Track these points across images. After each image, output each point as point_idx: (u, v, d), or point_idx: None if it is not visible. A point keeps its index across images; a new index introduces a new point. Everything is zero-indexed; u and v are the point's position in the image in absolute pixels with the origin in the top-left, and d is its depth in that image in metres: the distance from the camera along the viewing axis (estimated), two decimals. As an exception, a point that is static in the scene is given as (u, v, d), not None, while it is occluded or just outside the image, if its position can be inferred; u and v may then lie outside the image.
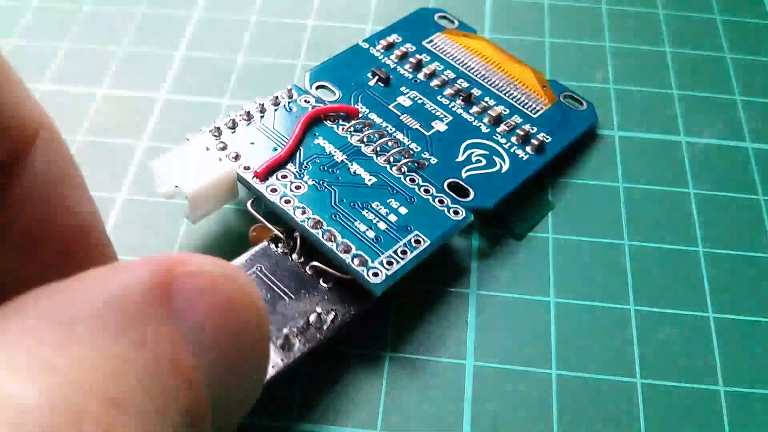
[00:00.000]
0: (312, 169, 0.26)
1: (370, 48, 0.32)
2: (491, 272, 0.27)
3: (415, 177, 0.26)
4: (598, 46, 0.35)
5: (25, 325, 0.10)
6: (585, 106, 0.31)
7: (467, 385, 0.24)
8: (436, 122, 0.29)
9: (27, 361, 0.09)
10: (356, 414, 0.23)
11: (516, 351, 0.25)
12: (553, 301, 0.26)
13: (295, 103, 0.28)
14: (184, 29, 0.35)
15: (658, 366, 0.25)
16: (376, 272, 0.23)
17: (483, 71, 0.31)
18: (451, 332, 0.25)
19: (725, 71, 0.34)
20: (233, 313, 0.12)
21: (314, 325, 0.22)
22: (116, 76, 0.33)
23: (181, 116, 0.31)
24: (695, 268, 0.27)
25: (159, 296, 0.11)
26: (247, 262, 0.24)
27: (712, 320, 0.26)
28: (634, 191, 0.29)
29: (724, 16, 0.37)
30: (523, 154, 0.28)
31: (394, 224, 0.24)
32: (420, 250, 0.24)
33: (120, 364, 0.09)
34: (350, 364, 0.24)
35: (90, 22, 0.35)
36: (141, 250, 0.27)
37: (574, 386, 0.24)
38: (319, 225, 0.24)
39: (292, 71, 0.33)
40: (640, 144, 0.31)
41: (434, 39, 0.33)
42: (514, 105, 0.30)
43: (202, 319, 0.11)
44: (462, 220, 0.25)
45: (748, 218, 0.29)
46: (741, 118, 0.32)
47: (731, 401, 0.24)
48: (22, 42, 0.34)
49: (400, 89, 0.30)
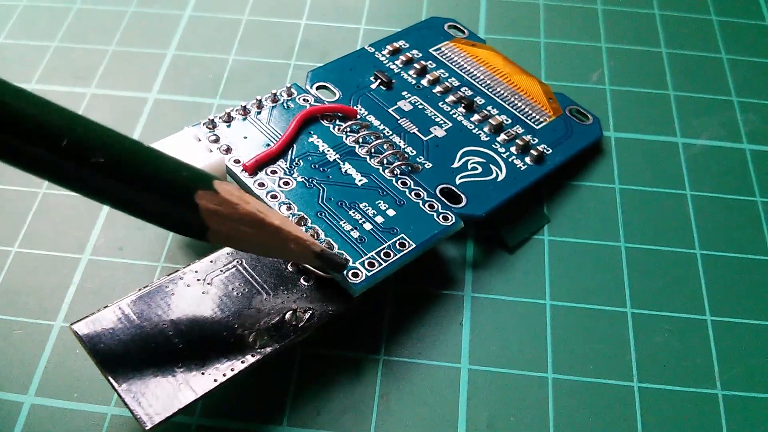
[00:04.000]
0: (303, 166, 0.26)
1: (376, 52, 0.32)
2: (486, 275, 0.26)
3: (407, 180, 0.26)
4: (593, 47, 0.35)
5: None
6: (591, 121, 0.30)
7: (462, 389, 0.24)
8: (435, 128, 0.29)
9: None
10: (349, 419, 0.23)
11: (511, 354, 0.24)
12: (549, 303, 0.26)
13: (294, 101, 0.28)
14: (174, 29, 0.35)
15: (655, 369, 0.24)
16: (356, 273, 0.23)
17: (488, 80, 0.31)
18: (445, 335, 0.25)
19: (722, 72, 0.34)
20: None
21: (289, 323, 0.22)
22: (105, 76, 0.32)
23: (171, 116, 0.31)
24: (692, 270, 0.27)
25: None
26: (228, 255, 0.23)
27: (710, 323, 0.25)
28: (630, 193, 0.29)
29: (721, 16, 0.36)
30: (521, 164, 0.28)
31: (380, 226, 0.24)
32: (403, 254, 0.23)
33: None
34: (343, 368, 0.24)
35: (79, 21, 0.35)
36: (131, 249, 0.26)
37: (570, 390, 0.24)
38: (303, 222, 0.24)
39: (285, 71, 0.33)
40: (636, 145, 0.31)
41: (442, 47, 0.32)
42: (516, 115, 0.30)
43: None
44: (451, 226, 0.25)
45: (745, 220, 0.28)
46: (738, 119, 0.32)
47: (729, 405, 0.23)
48: (10, 41, 0.34)
49: (401, 93, 0.30)
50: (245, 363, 0.21)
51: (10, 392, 0.23)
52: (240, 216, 0.20)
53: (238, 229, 0.20)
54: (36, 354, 0.24)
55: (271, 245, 0.21)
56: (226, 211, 0.19)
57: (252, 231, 0.20)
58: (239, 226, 0.20)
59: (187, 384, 0.20)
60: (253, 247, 0.21)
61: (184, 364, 0.21)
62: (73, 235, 0.27)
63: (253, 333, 0.21)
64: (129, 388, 0.20)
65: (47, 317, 0.25)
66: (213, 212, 0.19)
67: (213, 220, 0.19)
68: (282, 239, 0.21)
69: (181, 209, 0.19)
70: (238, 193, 0.20)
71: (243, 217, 0.20)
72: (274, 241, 0.21)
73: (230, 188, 0.20)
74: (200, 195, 0.19)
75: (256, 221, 0.20)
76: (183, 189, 0.19)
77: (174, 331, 0.21)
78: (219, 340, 0.21)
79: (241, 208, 0.20)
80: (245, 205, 0.20)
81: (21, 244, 0.27)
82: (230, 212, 0.20)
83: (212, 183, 0.20)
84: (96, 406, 0.23)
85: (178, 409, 0.20)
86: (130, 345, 0.21)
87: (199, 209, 0.19)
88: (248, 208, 0.20)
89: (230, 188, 0.20)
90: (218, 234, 0.20)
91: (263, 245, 0.21)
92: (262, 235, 0.20)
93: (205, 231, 0.20)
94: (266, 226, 0.20)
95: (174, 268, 0.25)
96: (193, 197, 0.19)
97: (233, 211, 0.20)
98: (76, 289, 0.25)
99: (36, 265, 0.26)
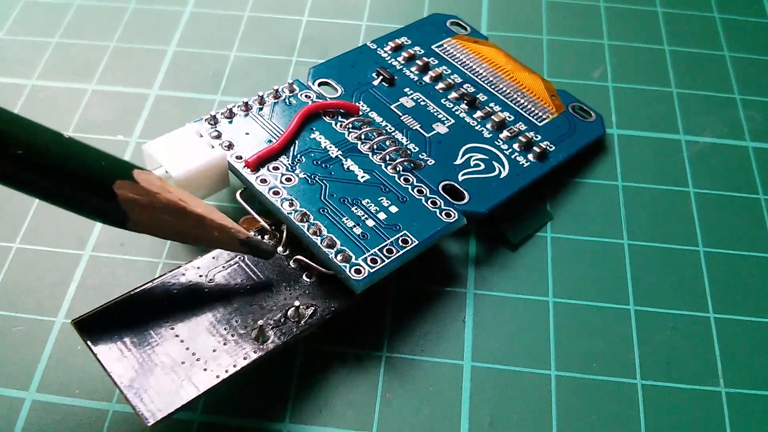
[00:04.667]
0: (305, 163, 0.26)
1: (378, 49, 0.31)
2: (489, 271, 0.26)
3: (409, 177, 0.26)
4: (596, 44, 0.34)
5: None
6: (593, 118, 0.30)
7: (465, 386, 0.23)
8: (438, 124, 0.28)
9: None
10: (351, 415, 0.23)
11: (514, 352, 0.24)
12: (552, 301, 0.26)
13: (296, 97, 0.28)
14: (175, 25, 0.35)
15: (658, 367, 0.24)
16: (359, 269, 0.23)
17: (491, 77, 0.31)
18: (448, 332, 0.25)
19: (725, 70, 0.34)
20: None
21: (292, 319, 0.22)
22: (106, 72, 0.32)
23: (172, 112, 0.31)
24: (695, 267, 0.27)
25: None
26: (230, 252, 0.23)
27: (713, 320, 0.25)
28: (633, 190, 0.29)
29: (723, 14, 0.36)
30: (524, 161, 0.28)
31: (382, 222, 0.24)
32: (406, 250, 0.23)
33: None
34: (345, 365, 0.24)
35: (80, 17, 0.35)
36: (132, 245, 0.26)
37: (573, 387, 0.24)
38: (305, 218, 0.24)
39: (287, 67, 0.33)
40: (639, 143, 0.31)
41: (444, 44, 0.32)
42: (519, 112, 0.29)
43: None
44: (453, 222, 0.25)
45: (748, 217, 0.28)
46: (741, 116, 0.32)
47: (733, 403, 0.23)
48: (10, 37, 0.34)
49: (404, 90, 0.30)
50: (247, 359, 0.21)
51: (11, 389, 0.23)
52: (162, 205, 0.20)
53: (159, 218, 0.20)
54: (37, 350, 0.24)
55: (194, 234, 0.21)
56: (146, 200, 0.20)
57: (174, 220, 0.20)
58: (161, 215, 0.20)
59: (190, 380, 0.20)
60: (176, 236, 0.21)
61: (186, 360, 0.20)
62: (74, 232, 0.27)
63: (255, 329, 0.21)
64: (131, 385, 0.20)
65: (48, 314, 0.25)
66: (132, 201, 0.20)
67: (133, 209, 0.20)
68: (206, 227, 0.21)
69: (99, 199, 0.19)
70: (160, 183, 0.20)
71: (164, 206, 0.20)
72: (198, 230, 0.21)
73: (151, 178, 0.20)
74: (118, 185, 0.19)
75: (178, 210, 0.20)
76: (101, 179, 0.19)
77: (176, 327, 0.21)
78: (221, 336, 0.21)
79: (162, 197, 0.20)
80: (166, 194, 0.20)
81: (22, 240, 0.26)
82: (150, 201, 0.20)
83: (132, 172, 0.20)
84: (98, 402, 0.23)
85: (181, 406, 0.19)
86: (131, 341, 0.21)
87: (118, 198, 0.19)
88: (169, 197, 0.20)
89: (151, 178, 0.20)
90: (138, 223, 0.20)
91: (186, 234, 0.21)
92: (184, 223, 0.21)
93: (125, 220, 0.20)
94: (188, 215, 0.21)
95: (176, 264, 0.25)
96: (110, 187, 0.19)
97: (153, 199, 0.20)
98: (78, 285, 0.25)
99: (37, 261, 0.26)
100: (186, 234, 0.21)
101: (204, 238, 0.21)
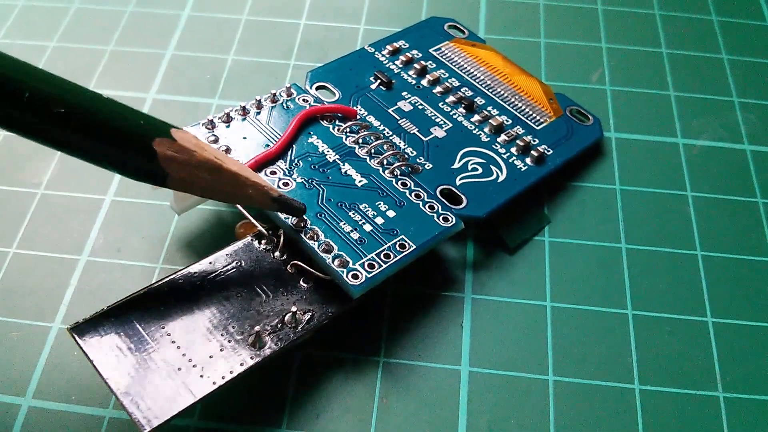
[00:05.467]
0: (302, 167, 0.26)
1: (376, 52, 0.31)
2: (486, 276, 0.26)
3: (407, 181, 0.26)
4: (594, 47, 0.34)
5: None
6: (591, 121, 0.30)
7: (462, 391, 0.23)
8: (435, 128, 0.28)
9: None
10: (348, 421, 0.23)
11: (512, 356, 0.24)
12: (550, 305, 0.26)
13: (293, 101, 0.28)
14: (173, 28, 0.34)
15: (656, 371, 0.24)
16: (356, 274, 0.22)
17: (488, 81, 0.31)
18: (445, 337, 0.25)
19: (722, 73, 0.34)
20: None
21: (288, 325, 0.22)
22: (104, 76, 0.32)
23: (169, 117, 0.30)
24: (693, 271, 0.27)
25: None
26: (227, 256, 0.23)
27: (711, 324, 0.25)
28: (631, 194, 0.29)
29: (721, 17, 0.36)
30: (521, 165, 0.28)
31: (380, 227, 0.24)
32: (404, 255, 0.23)
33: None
34: (342, 370, 0.24)
35: (77, 21, 0.35)
36: (129, 250, 0.26)
37: (571, 392, 0.23)
38: (302, 223, 0.24)
39: (284, 71, 0.33)
40: (636, 146, 0.31)
41: (442, 47, 0.32)
42: (517, 116, 0.29)
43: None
44: (451, 227, 0.25)
45: (746, 221, 0.28)
46: (738, 119, 0.32)
47: (731, 407, 0.23)
48: (7, 40, 0.34)
49: (401, 94, 0.30)
50: (244, 365, 0.21)
51: (7, 395, 0.23)
52: (198, 162, 0.21)
53: (196, 175, 0.21)
54: (34, 356, 0.24)
55: (229, 191, 0.22)
56: (183, 158, 0.21)
57: (210, 177, 0.21)
58: (197, 172, 0.21)
59: (186, 387, 0.20)
60: (212, 193, 0.22)
61: (183, 366, 0.20)
62: (71, 236, 0.27)
63: (252, 335, 0.21)
64: (127, 391, 0.20)
65: (45, 319, 0.24)
66: (171, 159, 0.20)
67: (171, 166, 0.20)
68: (240, 184, 0.22)
69: (140, 157, 0.20)
70: (196, 141, 0.21)
71: (201, 164, 0.21)
72: (232, 186, 0.22)
73: (187, 136, 0.21)
74: (157, 142, 0.20)
75: (213, 167, 0.21)
76: (141, 137, 0.20)
77: (172, 333, 0.21)
78: (218, 342, 0.21)
79: (199, 155, 0.21)
80: (202, 152, 0.21)
81: (19, 245, 0.26)
82: (188, 158, 0.21)
83: (170, 131, 0.21)
84: (94, 408, 0.23)
85: (177, 413, 0.19)
86: (128, 347, 0.21)
87: (157, 156, 0.20)
88: (205, 155, 0.21)
89: (187, 136, 0.21)
90: (177, 180, 0.21)
91: (222, 191, 0.22)
92: (220, 180, 0.21)
93: (165, 177, 0.21)
94: (224, 172, 0.21)
95: (172, 269, 0.25)
96: (150, 144, 0.20)
97: (191, 157, 0.21)
98: (74, 290, 0.25)
99: (34, 266, 0.26)
100: (221, 191, 0.22)
101: (238, 195, 0.22)
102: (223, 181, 0.21)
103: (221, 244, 0.24)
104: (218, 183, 0.21)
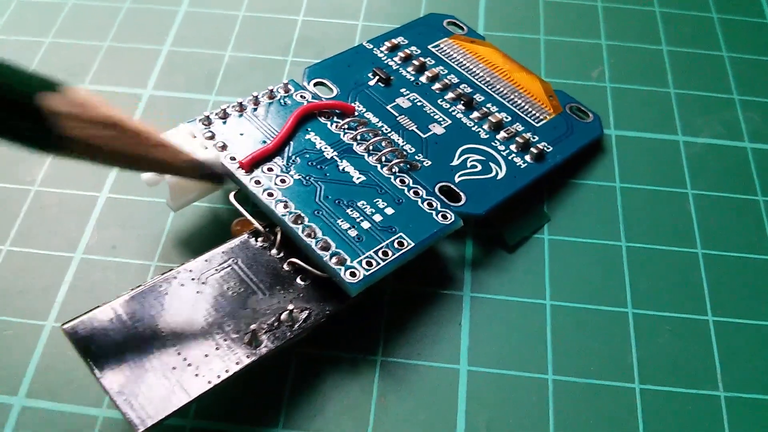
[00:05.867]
0: (300, 164, 0.25)
1: (374, 49, 0.31)
2: (485, 274, 0.26)
3: (405, 178, 0.26)
4: (594, 44, 0.34)
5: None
6: (591, 118, 0.30)
7: (461, 390, 0.23)
8: (434, 125, 0.28)
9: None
10: (346, 421, 0.22)
11: (511, 355, 0.24)
12: (549, 303, 0.25)
13: (291, 97, 0.28)
14: (170, 24, 0.34)
15: (656, 371, 0.24)
16: (354, 272, 0.22)
17: (488, 77, 0.30)
18: (444, 336, 0.24)
19: (723, 70, 0.33)
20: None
21: (285, 323, 0.22)
22: (100, 72, 0.32)
23: (166, 113, 0.30)
24: (694, 270, 0.26)
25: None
26: (224, 254, 0.23)
27: (712, 323, 0.25)
28: (631, 191, 0.29)
29: (721, 14, 0.36)
30: (521, 162, 0.27)
31: (378, 224, 0.24)
32: (402, 253, 0.23)
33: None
34: (340, 369, 0.23)
35: (73, 16, 0.34)
36: (124, 248, 0.26)
37: (570, 392, 0.23)
38: (299, 220, 0.23)
39: (282, 67, 0.33)
40: (637, 143, 0.30)
41: (441, 44, 0.32)
42: (516, 113, 0.29)
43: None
44: (450, 224, 0.24)
45: (747, 219, 0.28)
46: (739, 117, 0.32)
47: (732, 407, 0.23)
48: (3, 36, 0.33)
49: (400, 90, 0.29)
50: (240, 364, 0.21)
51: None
52: (93, 117, 0.19)
53: (92, 135, 0.19)
54: (26, 355, 0.23)
55: (133, 152, 0.20)
56: (75, 112, 0.18)
57: (108, 134, 0.19)
58: (93, 131, 0.19)
59: (181, 386, 0.20)
60: (114, 157, 0.20)
61: (178, 365, 0.20)
62: (65, 234, 0.26)
63: (248, 333, 0.21)
64: (121, 391, 0.19)
65: (38, 317, 0.24)
66: (60, 115, 0.18)
67: (63, 125, 0.18)
68: (143, 144, 0.20)
69: (23, 115, 0.18)
70: (89, 96, 0.19)
71: (96, 119, 0.19)
72: (135, 146, 0.20)
73: (84, 93, 0.19)
74: (43, 97, 0.18)
75: (111, 122, 0.19)
76: (21, 93, 0.18)
77: (167, 331, 0.21)
78: (213, 341, 0.21)
79: (93, 110, 0.19)
80: (97, 106, 0.19)
81: (12, 242, 0.26)
82: (80, 113, 0.18)
83: (60, 87, 0.18)
84: (88, 408, 0.22)
85: (171, 412, 0.19)
86: (122, 346, 0.20)
87: (43, 112, 0.18)
88: (101, 110, 0.19)
89: (84, 93, 0.19)
90: (72, 141, 0.18)
91: (124, 153, 0.20)
92: (120, 139, 0.19)
93: (59, 139, 0.18)
94: (124, 129, 0.19)
95: (168, 267, 0.25)
96: (32, 100, 0.18)
97: (84, 111, 0.18)
98: (68, 288, 0.25)
99: (27, 264, 0.26)
100: (123, 153, 0.20)
101: (144, 156, 0.20)
102: (125, 140, 0.19)
103: (217, 242, 0.24)
104: (118, 142, 0.19)
